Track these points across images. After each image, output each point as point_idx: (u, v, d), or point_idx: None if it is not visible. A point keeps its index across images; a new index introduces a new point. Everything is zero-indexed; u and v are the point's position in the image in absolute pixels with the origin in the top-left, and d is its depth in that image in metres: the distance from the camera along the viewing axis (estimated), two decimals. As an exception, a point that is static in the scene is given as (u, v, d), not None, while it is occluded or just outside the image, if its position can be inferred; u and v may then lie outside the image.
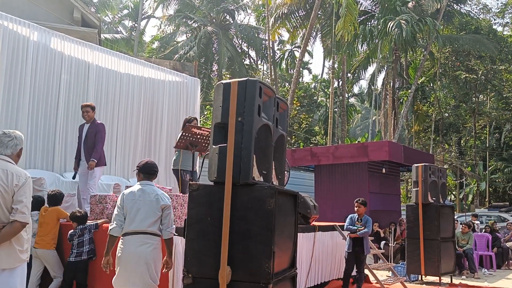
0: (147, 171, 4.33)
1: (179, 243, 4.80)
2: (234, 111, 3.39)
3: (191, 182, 3.54)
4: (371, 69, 34.42)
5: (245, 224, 3.28)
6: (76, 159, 7.05)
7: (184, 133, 6.04)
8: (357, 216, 7.24)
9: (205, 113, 23.86)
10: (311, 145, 31.13)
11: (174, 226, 4.27)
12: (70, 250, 5.23)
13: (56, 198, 5.58)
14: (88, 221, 5.53)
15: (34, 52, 7.59)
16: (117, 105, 8.91)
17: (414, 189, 8.92)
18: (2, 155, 3.35)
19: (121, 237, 4.13)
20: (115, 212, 4.18)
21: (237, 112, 3.38)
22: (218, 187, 3.37)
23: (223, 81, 3.50)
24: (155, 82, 9.65)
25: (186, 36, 32.66)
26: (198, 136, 6.08)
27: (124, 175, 8.88)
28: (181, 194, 5.56)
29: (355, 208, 7.27)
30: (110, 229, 4.13)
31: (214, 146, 3.42)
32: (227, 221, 3.29)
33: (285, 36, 34.41)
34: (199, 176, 4.34)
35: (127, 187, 5.63)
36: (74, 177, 6.91)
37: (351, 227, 7.15)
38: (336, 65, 27.23)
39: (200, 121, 19.83)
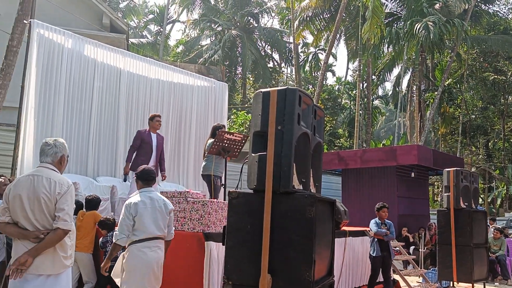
0: (146, 178, 4.40)
1: (214, 248, 4.84)
2: (273, 120, 3.38)
3: (231, 190, 3.53)
4: (396, 71, 33.87)
5: (285, 232, 3.26)
6: (128, 162, 7.13)
7: (217, 140, 6.09)
8: (380, 221, 7.22)
9: (232, 117, 23.86)
10: (335, 148, 30.96)
11: (173, 227, 4.51)
12: (103, 257, 5.31)
13: (93, 203, 5.69)
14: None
15: (68, 59, 7.76)
16: (147, 110, 9.00)
17: (445, 194, 8.75)
18: (45, 163, 3.42)
19: (133, 244, 4.17)
20: (124, 222, 4.16)
21: (276, 121, 3.37)
22: (258, 195, 3.37)
23: (262, 90, 3.50)
24: (183, 87, 9.73)
25: (211, 40, 32.91)
26: (231, 142, 6.12)
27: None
28: (215, 200, 5.59)
29: (383, 213, 7.22)
30: (118, 239, 4.15)
31: (253, 155, 3.42)
32: (268, 229, 3.28)
33: (309, 38, 34.31)
34: (239, 182, 4.37)
35: (161, 193, 5.70)
36: (125, 180, 7.06)
37: (381, 230, 7.09)
38: (361, 68, 26.99)
39: (227, 124, 19.89)
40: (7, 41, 10.38)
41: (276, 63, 36.36)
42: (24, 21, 9.63)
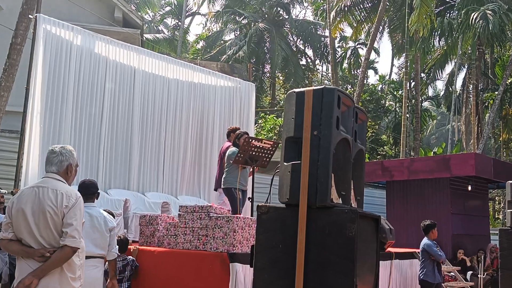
0: (85, 192, 4.38)
1: (240, 270, 4.85)
2: (309, 124, 3.40)
3: (260, 204, 3.55)
4: (449, 68, 33.26)
5: (322, 252, 3.26)
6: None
7: (243, 147, 6.13)
8: (434, 242, 7.22)
9: (259, 121, 23.88)
10: (378, 156, 30.44)
11: (117, 246, 4.62)
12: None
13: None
14: (134, 246, 5.68)
15: (77, 58, 7.92)
16: (164, 114, 9.12)
17: (508, 210, 8.55)
18: (51, 173, 3.44)
19: None
20: None
21: (312, 125, 3.39)
22: (291, 210, 3.37)
23: (296, 90, 3.52)
24: (205, 88, 9.83)
25: (235, 35, 33.07)
26: (259, 150, 6.13)
27: (172, 192, 9.04)
28: (242, 216, 5.62)
29: (434, 233, 7.21)
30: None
31: (285, 164, 3.44)
32: (302, 248, 3.28)
33: (348, 31, 33.78)
34: (269, 196, 4.41)
35: (180, 208, 5.76)
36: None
37: (441, 253, 7.08)
38: (408, 64, 26.66)
39: (253, 130, 19.90)
40: (11, 39, 10.58)
41: (309, 60, 36.20)
42: (29, 15, 9.85)
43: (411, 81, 29.93)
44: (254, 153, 6.12)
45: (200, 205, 5.71)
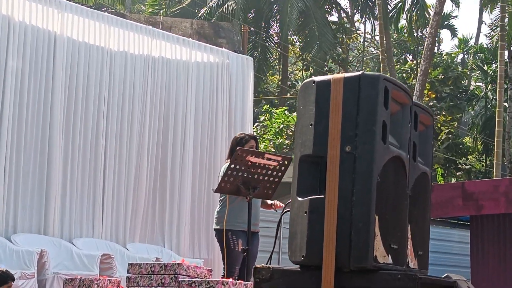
0: None
1: None
2: (338, 135, 3.13)
3: (258, 266, 3.28)
4: None
5: None
6: None
7: (234, 165, 5.58)
8: None
9: (261, 118, 23.03)
10: (457, 174, 27.69)
11: None
12: None
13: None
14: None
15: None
16: (104, 109, 8.40)
17: None
18: None
19: None
20: None
21: (343, 137, 3.13)
22: (310, 274, 3.16)
23: (316, 78, 3.24)
24: (171, 66, 9.16)
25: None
26: (258, 169, 5.62)
27: (118, 237, 8.51)
28: (231, 281, 5.20)
29: None
30: None
31: (299, 199, 3.18)
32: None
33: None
34: (273, 250, 4.10)
35: (130, 266, 5.57)
36: None
37: None
38: (506, 20, 22.77)
39: (254, 131, 19.29)
40: None
41: (344, 15, 31.80)
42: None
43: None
44: (250, 175, 5.58)
45: (163, 262, 5.42)
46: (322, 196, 3.13)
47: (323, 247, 3.09)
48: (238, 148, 5.94)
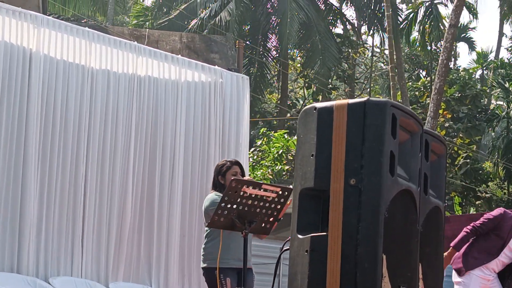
0: None
1: None
2: (341, 167, 3.20)
3: None
4: None
5: None
6: None
7: (226, 197, 5.51)
8: None
9: (258, 142, 22.89)
10: (477, 203, 27.17)
11: None
12: None
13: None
14: None
15: None
16: (85, 132, 8.34)
17: None
18: None
19: None
20: None
21: (347, 169, 3.18)
22: None
23: (318, 105, 3.33)
24: (158, 86, 9.16)
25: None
26: (254, 202, 5.55)
27: (99, 276, 8.44)
28: None
29: None
30: None
31: (300, 236, 3.26)
32: None
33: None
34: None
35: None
36: None
37: None
38: None
39: (250, 158, 19.42)
40: None
41: (350, 27, 31.80)
42: None
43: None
44: (247, 207, 5.51)
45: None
46: (325, 233, 3.16)
47: (326, 289, 3.09)
48: (233, 178, 5.87)
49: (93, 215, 8.46)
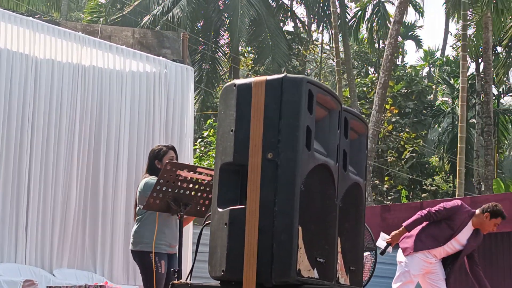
0: None
1: None
2: (259, 141, 3.19)
3: (176, 283, 3.44)
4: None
5: None
6: None
7: (162, 180, 5.55)
8: None
9: (204, 133, 22.80)
10: (424, 195, 27.17)
11: None
12: None
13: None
14: None
15: None
16: (29, 121, 8.34)
17: None
18: None
19: None
20: None
21: (265, 143, 3.18)
22: None
23: (237, 81, 3.35)
24: (103, 76, 9.16)
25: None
26: (190, 185, 5.61)
27: (43, 262, 8.42)
28: None
29: None
30: None
31: (219, 210, 3.30)
32: None
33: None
34: (193, 263, 4.20)
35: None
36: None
37: None
38: (471, 32, 23.62)
39: (196, 149, 19.32)
40: None
41: (300, 24, 31.49)
42: None
43: (479, 59, 26.43)
44: (182, 190, 5.57)
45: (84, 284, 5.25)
46: (243, 206, 3.18)
47: (244, 261, 3.13)
48: (167, 161, 5.85)
49: (37, 203, 8.37)
